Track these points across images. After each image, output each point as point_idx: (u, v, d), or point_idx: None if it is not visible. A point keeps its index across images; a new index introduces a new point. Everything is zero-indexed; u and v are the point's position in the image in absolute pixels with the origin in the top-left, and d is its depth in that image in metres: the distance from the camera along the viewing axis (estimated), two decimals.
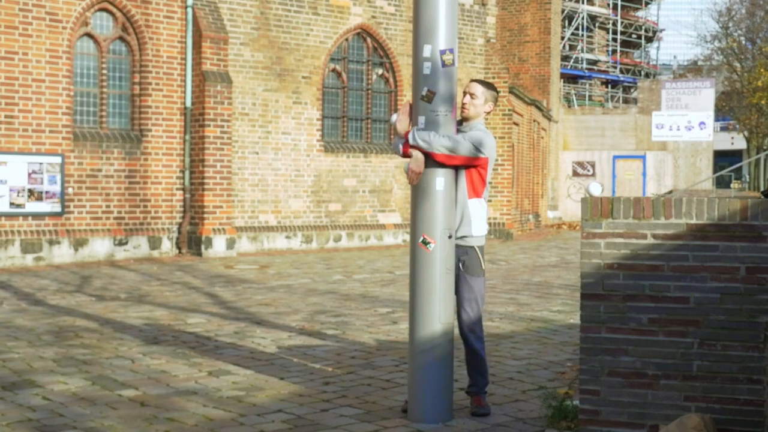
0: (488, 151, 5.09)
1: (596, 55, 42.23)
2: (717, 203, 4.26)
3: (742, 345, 4.22)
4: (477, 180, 5.14)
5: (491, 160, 5.16)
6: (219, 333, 8.01)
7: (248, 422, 5.04)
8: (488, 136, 5.16)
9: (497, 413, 5.18)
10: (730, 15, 43.67)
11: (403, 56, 19.07)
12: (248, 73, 16.96)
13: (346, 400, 5.55)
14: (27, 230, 14.24)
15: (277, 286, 11.73)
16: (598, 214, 4.43)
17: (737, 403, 4.23)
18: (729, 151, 54.82)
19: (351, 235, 18.60)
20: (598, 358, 4.41)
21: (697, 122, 21.69)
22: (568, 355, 7.01)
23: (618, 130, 32.48)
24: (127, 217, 15.36)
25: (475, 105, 5.24)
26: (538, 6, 29.59)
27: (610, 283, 4.39)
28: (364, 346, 7.42)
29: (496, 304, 9.95)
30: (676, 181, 32.04)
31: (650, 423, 4.33)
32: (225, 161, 16.03)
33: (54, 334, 7.85)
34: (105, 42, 15.37)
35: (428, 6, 5.10)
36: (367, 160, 18.84)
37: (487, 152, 5.09)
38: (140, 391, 5.77)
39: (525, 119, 24.71)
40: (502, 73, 21.45)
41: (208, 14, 16.13)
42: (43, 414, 5.18)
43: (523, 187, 24.52)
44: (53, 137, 14.52)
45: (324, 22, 18.07)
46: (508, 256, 16.81)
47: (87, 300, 10.18)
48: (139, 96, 15.62)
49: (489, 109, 5.30)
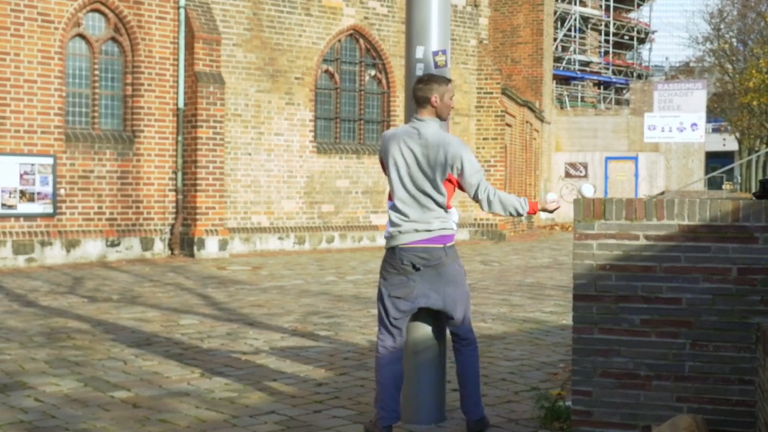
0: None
1: (588, 56, 42.33)
2: (709, 204, 4.27)
3: (734, 346, 4.23)
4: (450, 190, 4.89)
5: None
6: (211, 334, 8.00)
7: (241, 423, 5.04)
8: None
9: (490, 414, 5.18)
10: (722, 17, 43.80)
11: (395, 57, 19.08)
12: (241, 74, 16.95)
13: (338, 402, 5.55)
14: (19, 231, 14.20)
15: (270, 287, 11.72)
16: (590, 216, 4.43)
17: (729, 403, 4.24)
18: (721, 152, 55.00)
19: (344, 236, 18.59)
20: (591, 359, 4.42)
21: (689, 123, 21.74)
22: (561, 356, 7.02)
23: (610, 131, 32.56)
24: (120, 218, 15.33)
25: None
26: (531, 7, 29.64)
27: (602, 284, 4.40)
28: (357, 347, 7.41)
29: (488, 305, 9.95)
30: (668, 183, 32.12)
31: (642, 424, 4.34)
32: (218, 162, 16.02)
33: (46, 336, 7.83)
34: (97, 43, 15.33)
35: (421, 7, 5.11)
36: (359, 161, 18.84)
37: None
38: (132, 392, 5.76)
39: (517, 120, 24.74)
40: (494, 74, 21.49)
41: (201, 15, 16.12)
42: (35, 416, 5.17)
43: (515, 188, 24.55)
44: (45, 138, 14.48)
45: (317, 23, 18.07)
46: (501, 257, 16.83)
47: (79, 301, 10.15)
48: (131, 97, 15.60)
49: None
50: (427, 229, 4.68)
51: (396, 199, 4.75)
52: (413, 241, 4.69)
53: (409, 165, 4.71)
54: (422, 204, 4.69)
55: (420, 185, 4.69)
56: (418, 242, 4.68)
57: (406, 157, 4.72)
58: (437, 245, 4.69)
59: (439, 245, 4.70)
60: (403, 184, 4.72)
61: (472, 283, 12.24)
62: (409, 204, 4.71)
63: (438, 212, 4.70)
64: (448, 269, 4.73)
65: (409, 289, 4.72)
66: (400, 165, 4.73)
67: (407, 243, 4.68)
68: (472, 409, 4.84)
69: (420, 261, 4.68)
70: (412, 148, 4.71)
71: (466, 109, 21.13)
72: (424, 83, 4.79)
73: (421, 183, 4.69)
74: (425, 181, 4.69)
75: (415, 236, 4.68)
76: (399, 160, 4.73)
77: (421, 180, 4.69)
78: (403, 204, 4.72)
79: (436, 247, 4.69)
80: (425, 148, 4.69)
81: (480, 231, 21.30)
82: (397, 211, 4.74)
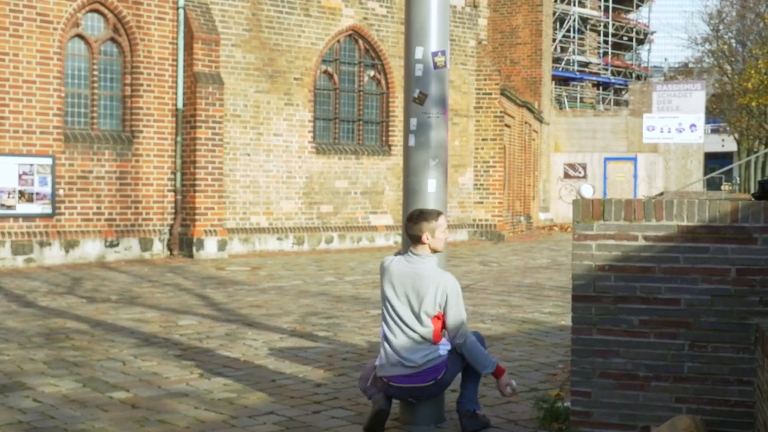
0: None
1: (587, 57, 42.35)
2: (708, 205, 4.27)
3: (732, 347, 4.24)
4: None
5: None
6: (210, 335, 8.00)
7: (240, 424, 5.03)
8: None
9: (489, 415, 5.18)
10: (721, 17, 43.81)
11: (394, 58, 19.08)
12: (240, 74, 16.94)
13: (337, 402, 5.55)
14: (18, 232, 14.19)
15: (269, 287, 11.71)
16: (589, 216, 4.43)
17: (728, 404, 4.24)
18: (719, 153, 55.03)
19: (343, 237, 18.59)
20: (590, 360, 4.42)
21: (688, 124, 21.73)
22: (560, 356, 7.02)
23: (609, 132, 32.57)
24: (118, 219, 15.32)
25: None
26: (530, 8, 29.64)
27: (601, 284, 4.40)
28: (356, 347, 7.41)
29: (487, 306, 9.95)
30: (667, 183, 32.13)
31: (641, 424, 4.34)
32: (216, 163, 16.01)
33: (45, 336, 7.82)
34: (96, 43, 15.33)
35: (420, 8, 5.11)
36: (358, 161, 18.84)
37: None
38: (131, 393, 5.76)
39: (516, 121, 24.74)
40: (493, 75, 21.49)
41: (200, 15, 16.11)
42: (34, 416, 5.17)
43: (514, 189, 24.56)
44: (44, 138, 14.47)
45: (316, 24, 18.06)
46: (500, 258, 16.83)
47: (78, 302, 10.14)
48: (130, 97, 15.59)
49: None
50: (413, 365, 4.78)
51: (386, 329, 4.87)
52: (401, 376, 4.78)
53: (398, 297, 4.81)
54: (408, 337, 4.79)
55: (406, 319, 4.79)
56: (406, 381, 4.78)
57: (397, 290, 4.82)
58: (426, 384, 4.80)
59: (429, 382, 4.80)
60: (391, 315, 4.83)
61: (471, 284, 12.24)
62: (397, 335, 4.81)
63: (425, 345, 4.78)
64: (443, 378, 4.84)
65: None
66: (391, 297, 4.83)
67: (394, 377, 4.79)
68: (465, 400, 4.89)
69: (411, 399, 4.91)
70: (403, 282, 4.81)
71: (465, 109, 21.14)
72: (413, 222, 4.84)
73: (407, 317, 4.79)
74: (411, 315, 4.78)
75: (402, 371, 4.79)
76: (389, 292, 4.84)
77: (408, 314, 4.78)
78: (392, 334, 4.82)
79: (425, 387, 4.81)
80: (417, 283, 4.77)
81: (479, 232, 21.31)
82: (386, 339, 4.86)
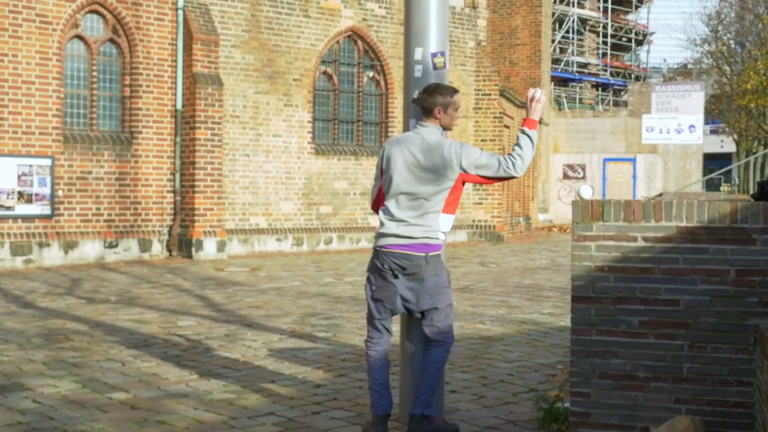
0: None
1: (587, 58, 42.35)
2: (707, 206, 4.27)
3: (731, 347, 4.24)
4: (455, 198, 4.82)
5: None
6: (209, 335, 8.00)
7: (239, 425, 5.03)
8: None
9: (488, 416, 5.18)
10: (720, 18, 43.87)
11: (394, 59, 19.09)
12: (239, 75, 16.95)
13: (337, 403, 5.55)
14: (17, 232, 14.19)
15: (268, 288, 11.71)
16: (588, 217, 4.44)
17: (727, 405, 4.24)
18: (719, 154, 55.05)
19: (342, 238, 18.59)
20: (589, 361, 4.42)
21: (687, 125, 21.73)
22: (559, 357, 7.02)
23: (608, 133, 32.58)
24: (118, 220, 15.33)
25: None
26: (529, 9, 29.65)
27: (600, 285, 4.40)
28: (355, 348, 7.41)
29: (486, 307, 9.96)
30: (667, 184, 32.14)
31: (641, 425, 4.34)
32: (216, 164, 16.01)
33: (44, 337, 7.82)
34: (95, 44, 15.33)
35: (419, 9, 5.11)
36: (357, 162, 18.84)
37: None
38: (131, 394, 5.75)
39: (516, 122, 24.76)
40: (492, 75, 21.50)
41: (199, 16, 16.12)
42: (33, 417, 5.16)
43: (513, 190, 24.57)
44: (43, 139, 14.47)
45: (315, 25, 18.07)
46: (499, 259, 16.83)
47: (77, 303, 10.14)
48: (129, 98, 15.60)
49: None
50: (410, 236, 4.65)
51: (388, 199, 4.74)
52: (395, 245, 4.67)
53: (409, 168, 4.68)
54: (413, 208, 4.67)
55: (414, 189, 4.66)
56: (400, 247, 4.66)
57: (407, 160, 4.69)
58: (418, 253, 4.65)
59: (420, 253, 4.65)
60: (399, 187, 4.70)
61: (470, 284, 12.25)
62: (402, 206, 4.69)
63: (426, 219, 4.66)
64: (428, 279, 4.68)
65: (389, 293, 4.72)
66: (399, 167, 4.70)
67: (389, 246, 4.67)
68: (417, 402, 4.71)
69: (399, 268, 4.66)
70: (413, 151, 4.69)
71: (464, 110, 21.13)
72: (428, 94, 4.76)
73: (416, 187, 4.66)
74: (422, 185, 4.65)
75: (397, 241, 4.67)
76: (399, 161, 4.71)
77: (418, 184, 4.66)
78: (396, 205, 4.70)
79: (416, 255, 4.65)
80: (426, 152, 4.67)
81: (478, 233, 21.30)
82: (386, 212, 4.73)
